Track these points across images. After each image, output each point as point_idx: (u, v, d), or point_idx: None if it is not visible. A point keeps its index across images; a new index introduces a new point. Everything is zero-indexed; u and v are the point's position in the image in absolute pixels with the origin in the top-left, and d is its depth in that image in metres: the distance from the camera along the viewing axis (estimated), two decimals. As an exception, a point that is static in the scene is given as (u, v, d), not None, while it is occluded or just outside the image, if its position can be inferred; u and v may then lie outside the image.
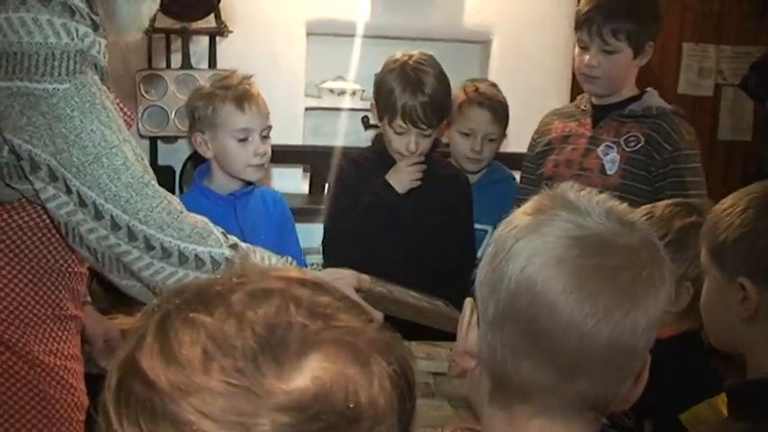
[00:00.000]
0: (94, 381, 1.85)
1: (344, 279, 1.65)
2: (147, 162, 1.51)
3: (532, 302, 0.83)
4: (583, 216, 0.86)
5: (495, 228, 2.59)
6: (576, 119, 2.44)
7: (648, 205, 1.74)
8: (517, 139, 2.90)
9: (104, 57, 1.44)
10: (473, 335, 0.91)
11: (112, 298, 2.20)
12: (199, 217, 1.52)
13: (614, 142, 2.32)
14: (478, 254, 2.62)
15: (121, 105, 1.50)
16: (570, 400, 0.86)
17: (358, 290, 1.66)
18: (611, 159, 2.31)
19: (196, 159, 3.31)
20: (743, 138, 4.43)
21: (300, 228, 2.64)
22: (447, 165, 2.57)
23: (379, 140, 2.47)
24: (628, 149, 2.30)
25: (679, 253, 1.57)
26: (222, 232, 1.53)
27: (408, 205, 2.38)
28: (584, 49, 2.31)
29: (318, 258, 3.19)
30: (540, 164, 2.48)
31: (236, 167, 2.32)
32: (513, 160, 2.88)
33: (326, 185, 3.41)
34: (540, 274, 0.83)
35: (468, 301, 0.93)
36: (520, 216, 0.90)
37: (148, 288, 1.48)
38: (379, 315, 1.63)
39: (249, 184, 2.39)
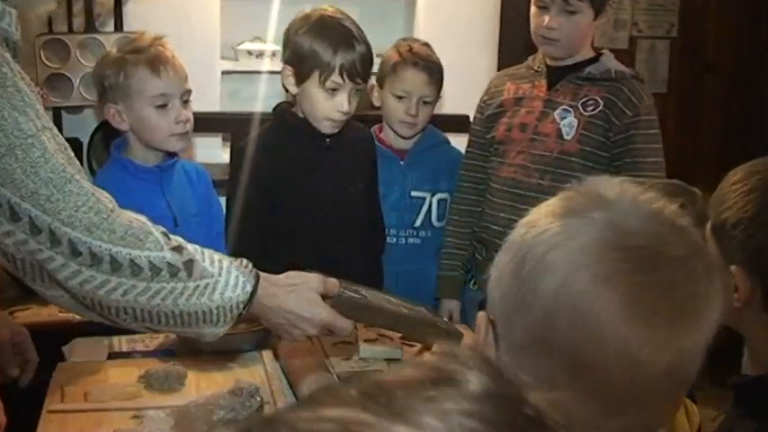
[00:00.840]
0: (8, 392, 1.65)
1: (309, 284, 1.48)
2: (71, 152, 1.31)
3: (575, 326, 0.70)
4: (625, 219, 0.72)
5: (433, 194, 2.51)
6: (530, 80, 2.32)
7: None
8: (443, 100, 2.78)
9: (16, 29, 1.22)
10: (490, 355, 0.78)
11: (23, 285, 2.00)
12: (134, 215, 1.34)
13: (571, 106, 2.22)
14: (417, 222, 2.51)
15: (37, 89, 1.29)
16: None
17: (325, 296, 1.49)
18: (568, 123, 2.21)
19: (105, 130, 3.07)
20: (659, 90, 4.43)
21: (223, 201, 2.44)
22: (354, 126, 2.40)
23: (284, 113, 2.28)
24: (586, 113, 2.20)
25: None
26: (163, 232, 1.34)
27: (333, 176, 2.23)
28: (542, 8, 2.18)
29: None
30: (490, 127, 2.37)
31: (157, 138, 2.11)
32: (441, 122, 2.77)
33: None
34: (586, 293, 0.69)
35: (481, 317, 0.79)
36: (547, 218, 0.75)
37: (78, 300, 1.29)
38: (348, 323, 1.48)
39: (171, 155, 2.19)
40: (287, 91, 2.27)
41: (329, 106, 2.10)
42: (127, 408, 1.61)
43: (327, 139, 2.20)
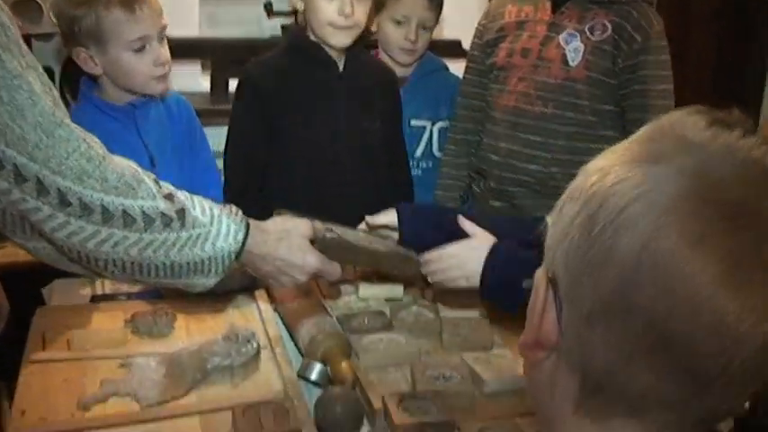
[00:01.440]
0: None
1: (298, 230, 1.40)
2: (56, 93, 1.17)
3: (660, 293, 0.58)
4: (718, 167, 0.60)
5: (434, 123, 2.39)
6: (533, 3, 2.17)
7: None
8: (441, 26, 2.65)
9: None
10: (550, 319, 0.67)
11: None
12: (125, 161, 1.22)
13: (578, 30, 2.08)
14: (417, 153, 2.40)
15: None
16: (694, 417, 0.63)
17: (313, 240, 1.40)
18: (574, 48, 2.07)
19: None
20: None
21: (207, 131, 2.31)
22: (376, 62, 2.28)
23: (294, 35, 2.15)
24: (593, 38, 2.06)
25: None
26: (154, 179, 1.23)
27: (346, 111, 2.10)
28: None
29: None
30: (489, 53, 2.23)
31: (136, 83, 1.97)
32: (439, 48, 2.63)
33: (229, 84, 3.09)
34: (674, 254, 0.58)
35: (540, 274, 0.68)
36: (623, 164, 0.63)
37: (62, 252, 1.18)
38: (337, 268, 1.41)
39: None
40: (294, 12, 2.14)
41: (331, 11, 1.97)
42: (113, 355, 1.50)
43: (341, 67, 2.09)
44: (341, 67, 2.08)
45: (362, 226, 1.68)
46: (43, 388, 1.39)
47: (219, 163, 2.73)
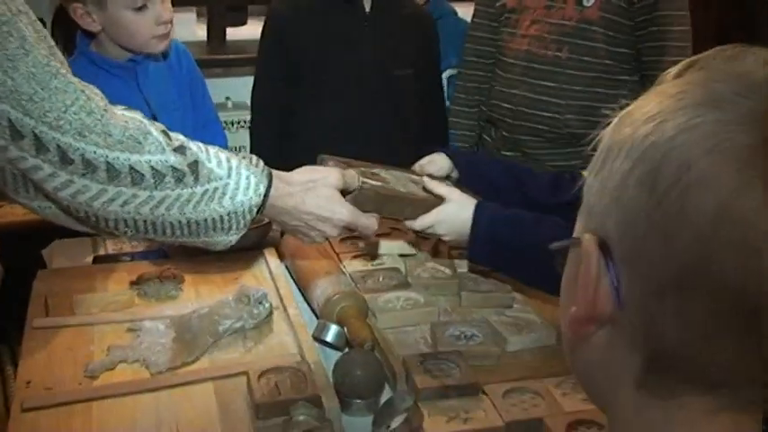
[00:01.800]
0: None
1: (327, 179, 1.29)
2: (51, 41, 1.07)
3: (745, 259, 0.51)
4: None
5: (443, 72, 2.30)
6: None
7: (690, 59, 1.45)
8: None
9: None
10: (603, 289, 0.60)
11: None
12: (129, 113, 1.12)
13: None
14: None
15: None
16: None
17: (345, 191, 1.31)
18: None
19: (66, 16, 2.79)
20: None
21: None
22: (410, 2, 2.19)
23: None
24: None
25: None
26: (162, 130, 1.14)
27: (373, 55, 2.02)
28: None
29: (227, 116, 2.81)
30: None
31: (137, 42, 1.87)
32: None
33: (226, 32, 3.00)
34: (760, 214, 0.51)
35: (589, 241, 0.60)
36: (682, 110, 0.55)
37: (68, 212, 1.10)
38: (372, 221, 1.31)
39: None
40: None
41: None
42: (120, 320, 1.44)
43: (368, 9, 2.01)
44: (367, 8, 2.00)
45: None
46: (48, 356, 1.33)
47: (221, 116, 2.67)
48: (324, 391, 1.22)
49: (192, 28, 3.01)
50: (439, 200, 1.43)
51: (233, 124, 2.88)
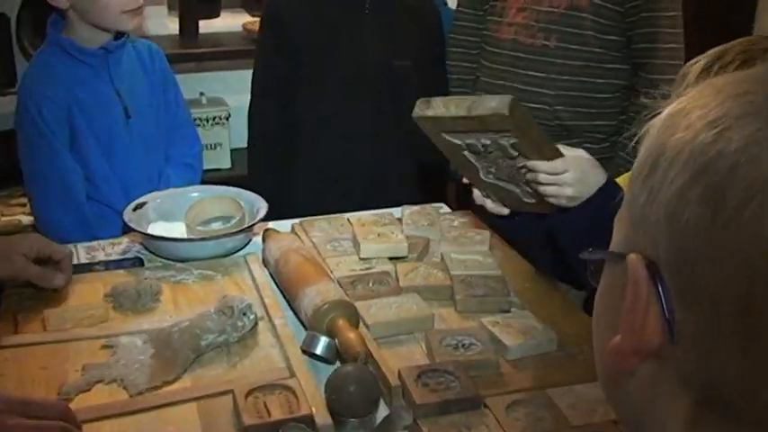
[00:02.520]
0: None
1: None
2: None
3: None
4: None
5: None
6: None
7: (716, 50, 1.38)
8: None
9: None
10: (652, 318, 0.52)
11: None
12: None
13: None
14: None
15: None
16: None
17: None
18: None
19: (34, 4, 2.68)
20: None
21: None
22: None
23: None
24: None
25: None
26: None
27: (373, 47, 1.95)
28: None
29: (201, 112, 2.73)
30: None
31: (107, 17, 1.78)
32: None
33: (199, 25, 2.89)
34: None
35: (636, 261, 0.52)
36: (743, 116, 0.48)
37: None
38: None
39: (120, 34, 1.85)
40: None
41: None
42: (95, 335, 1.35)
43: (369, 0, 1.95)
44: (368, 1, 1.94)
45: None
46: (19, 377, 1.24)
47: (195, 112, 2.58)
48: (316, 409, 1.14)
49: (162, 21, 2.90)
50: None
51: (207, 121, 2.77)
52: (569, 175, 1.38)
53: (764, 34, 1.16)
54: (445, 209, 1.92)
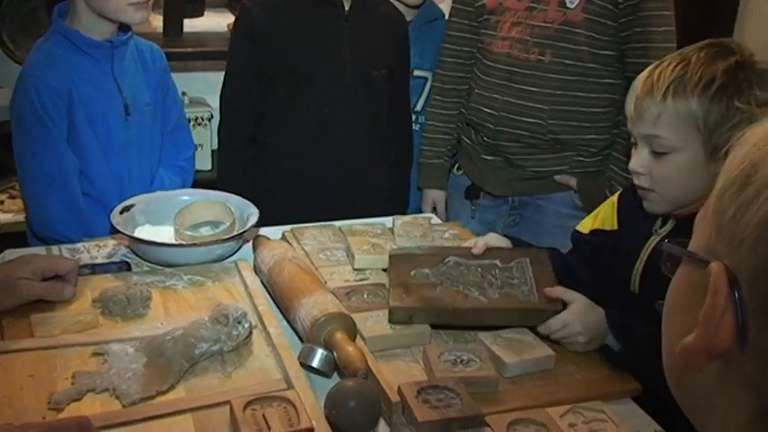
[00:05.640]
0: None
1: None
2: None
3: None
4: None
5: (434, 75, 2.15)
6: None
7: (676, 54, 1.39)
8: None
9: None
10: (726, 324, 0.53)
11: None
12: None
13: None
14: (417, 106, 2.24)
15: None
16: None
17: None
18: None
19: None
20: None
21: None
22: (386, 2, 2.10)
23: None
24: None
25: (734, 96, 1.29)
26: None
27: (352, 58, 1.94)
28: None
29: (194, 111, 2.69)
30: None
31: (113, 6, 1.74)
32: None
33: (183, 23, 2.85)
34: None
35: (719, 270, 0.53)
36: None
37: None
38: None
39: (125, 28, 1.82)
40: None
41: None
42: (84, 342, 1.32)
43: (347, 8, 1.94)
44: (347, 7, 1.90)
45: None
46: (7, 385, 1.20)
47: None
48: (316, 422, 1.12)
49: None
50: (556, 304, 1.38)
51: (189, 121, 2.72)
52: (573, 326, 1.36)
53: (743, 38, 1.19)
54: (435, 219, 1.91)
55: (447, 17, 2.20)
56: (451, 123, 2.15)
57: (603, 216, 1.58)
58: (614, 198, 1.58)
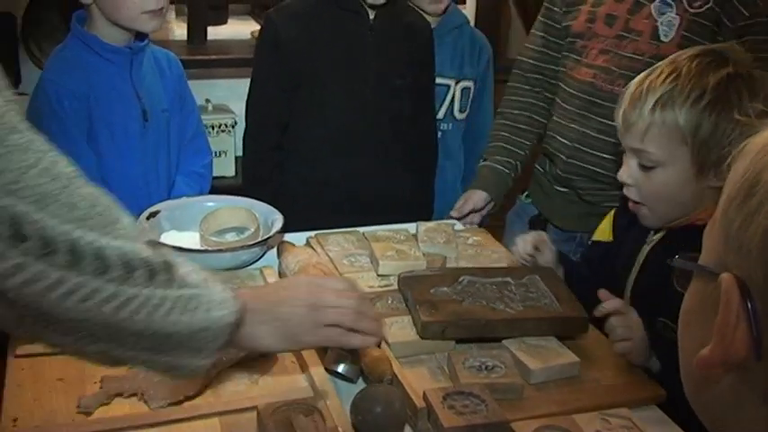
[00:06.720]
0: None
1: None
2: (7, 81, 0.82)
3: None
4: None
5: (458, 82, 2.12)
6: None
7: (666, 61, 1.37)
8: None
9: None
10: (740, 334, 0.53)
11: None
12: (99, 189, 0.87)
13: None
14: (440, 114, 2.24)
15: None
16: None
17: None
18: (667, 21, 1.76)
19: (41, 4, 2.66)
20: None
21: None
22: (411, 10, 2.11)
23: None
24: (691, 10, 1.75)
25: (724, 113, 1.27)
26: (133, 220, 0.91)
27: (374, 68, 1.96)
28: None
29: (207, 119, 2.71)
30: (567, 12, 1.91)
31: (126, 14, 1.76)
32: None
33: (207, 31, 2.88)
34: None
35: (730, 281, 0.53)
36: None
37: (11, 306, 0.79)
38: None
39: (142, 35, 1.84)
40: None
41: None
42: (112, 346, 1.33)
43: (372, 17, 1.94)
44: (371, 16, 1.92)
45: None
46: (36, 388, 1.22)
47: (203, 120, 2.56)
48: (342, 429, 1.13)
49: (170, 26, 2.89)
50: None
51: (213, 128, 2.76)
52: (623, 331, 1.33)
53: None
54: (459, 225, 1.91)
55: (472, 23, 2.21)
56: (523, 139, 2.05)
57: (602, 228, 1.57)
58: (612, 211, 1.57)
